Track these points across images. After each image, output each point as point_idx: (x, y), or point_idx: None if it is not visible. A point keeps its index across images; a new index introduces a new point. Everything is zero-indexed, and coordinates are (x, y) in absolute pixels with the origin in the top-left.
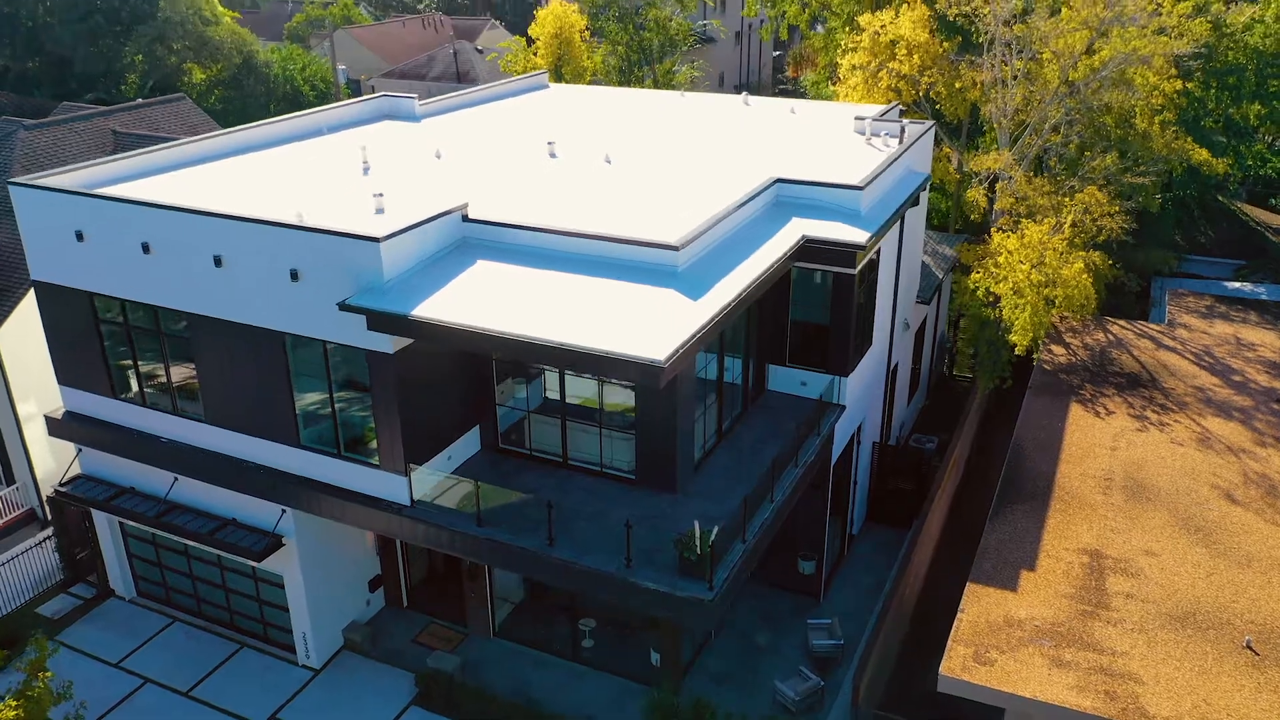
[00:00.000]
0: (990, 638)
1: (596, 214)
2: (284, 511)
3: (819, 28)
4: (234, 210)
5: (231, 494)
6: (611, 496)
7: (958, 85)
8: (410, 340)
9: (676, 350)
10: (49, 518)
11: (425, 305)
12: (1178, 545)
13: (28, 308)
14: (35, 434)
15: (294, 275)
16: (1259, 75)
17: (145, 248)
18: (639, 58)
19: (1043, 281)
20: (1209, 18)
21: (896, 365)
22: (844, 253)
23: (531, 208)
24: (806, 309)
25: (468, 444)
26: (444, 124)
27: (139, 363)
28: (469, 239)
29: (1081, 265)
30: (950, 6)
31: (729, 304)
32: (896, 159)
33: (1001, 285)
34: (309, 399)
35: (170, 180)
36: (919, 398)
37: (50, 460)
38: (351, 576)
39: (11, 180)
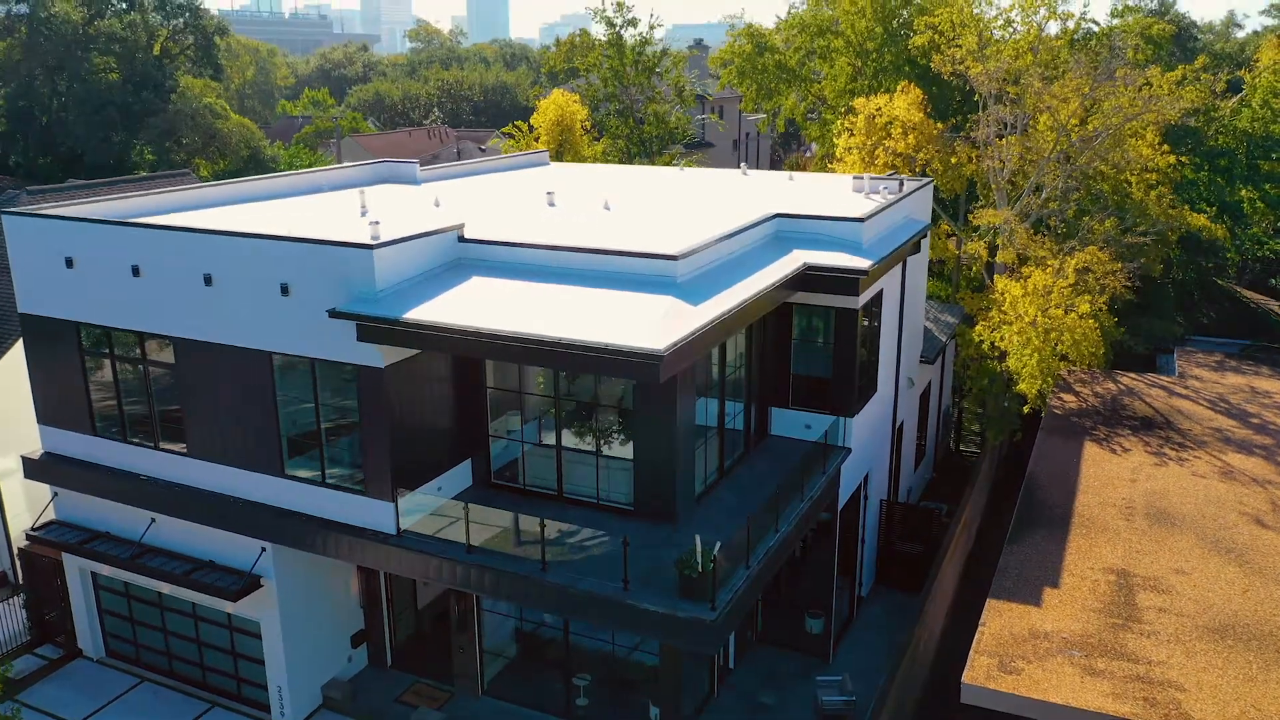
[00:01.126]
0: (1015, 648)
1: (594, 242)
2: (264, 550)
3: (815, 118)
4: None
5: (210, 535)
6: (608, 527)
7: (953, 160)
8: (401, 357)
9: (676, 343)
10: (21, 581)
11: (416, 311)
12: (1209, 565)
13: (10, 362)
14: (11, 491)
15: (284, 290)
16: (1249, 157)
17: (135, 270)
18: (639, 150)
19: (1049, 326)
20: (1197, 86)
21: (902, 424)
22: (847, 279)
23: (529, 237)
24: (809, 347)
25: (459, 477)
26: (444, 186)
27: (122, 396)
28: (464, 259)
29: (1088, 307)
30: (945, 65)
31: (730, 311)
32: (896, 203)
33: (1008, 339)
34: (295, 425)
35: (164, 220)
36: (925, 469)
37: (26, 519)
38: (333, 629)
39: (5, 210)
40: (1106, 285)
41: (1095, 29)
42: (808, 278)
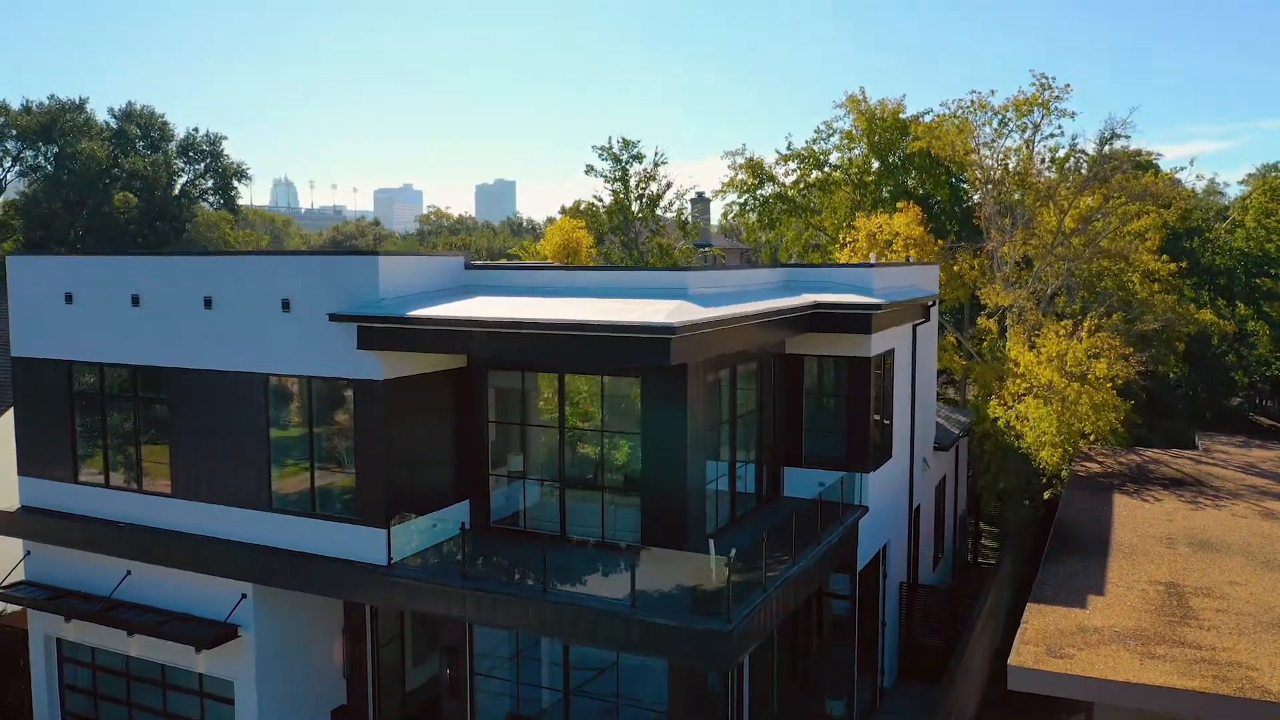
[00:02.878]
0: (1063, 639)
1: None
2: (243, 597)
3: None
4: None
5: (186, 587)
6: (614, 560)
7: (955, 269)
8: (400, 373)
9: (688, 323)
10: None
11: (418, 311)
12: (1264, 578)
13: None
14: None
15: (285, 305)
16: (1247, 275)
17: (135, 300)
18: None
19: (1065, 395)
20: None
21: (919, 507)
22: (859, 316)
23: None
24: (822, 403)
25: (456, 516)
26: None
27: (108, 437)
28: (470, 285)
29: (1104, 368)
30: (944, 150)
31: (743, 316)
32: (903, 266)
33: (1024, 414)
34: (286, 453)
35: None
36: (944, 573)
37: None
38: (312, 699)
39: (11, 254)
40: (1118, 374)
41: (1085, 157)
42: (820, 316)
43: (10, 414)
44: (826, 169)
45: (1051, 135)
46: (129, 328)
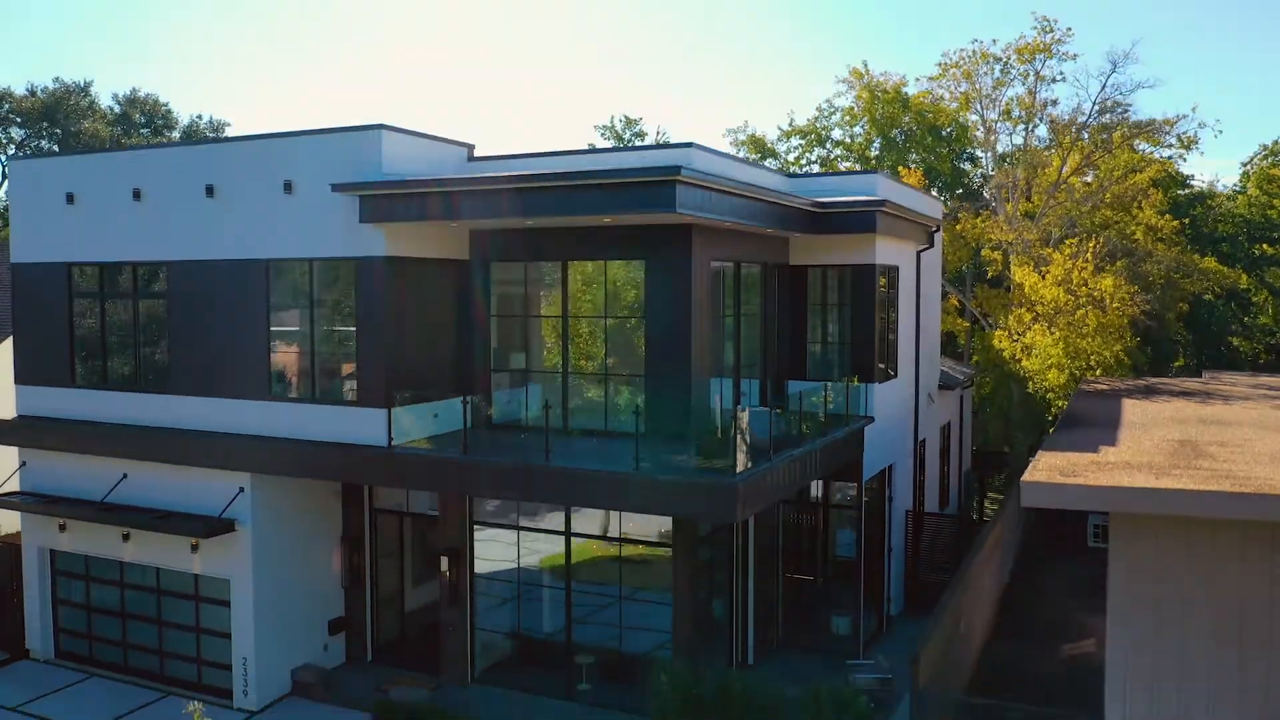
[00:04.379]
0: (1077, 469)
1: None
2: (240, 491)
3: None
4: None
5: (183, 484)
6: (617, 449)
7: (958, 228)
8: (402, 251)
9: (694, 172)
10: None
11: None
12: (1277, 437)
13: None
14: None
15: (288, 188)
16: (1249, 240)
17: (136, 194)
18: None
19: (1073, 306)
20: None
21: (924, 441)
22: (863, 214)
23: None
24: (825, 315)
25: (457, 411)
26: None
27: (107, 339)
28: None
29: (1110, 284)
30: (942, 106)
31: (746, 183)
32: (906, 187)
33: (1030, 347)
34: (285, 340)
35: None
36: (950, 525)
37: None
38: (309, 606)
39: (12, 156)
40: (1124, 304)
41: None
42: (824, 216)
43: (9, 342)
44: (828, 146)
45: (1054, 81)
46: (130, 223)
